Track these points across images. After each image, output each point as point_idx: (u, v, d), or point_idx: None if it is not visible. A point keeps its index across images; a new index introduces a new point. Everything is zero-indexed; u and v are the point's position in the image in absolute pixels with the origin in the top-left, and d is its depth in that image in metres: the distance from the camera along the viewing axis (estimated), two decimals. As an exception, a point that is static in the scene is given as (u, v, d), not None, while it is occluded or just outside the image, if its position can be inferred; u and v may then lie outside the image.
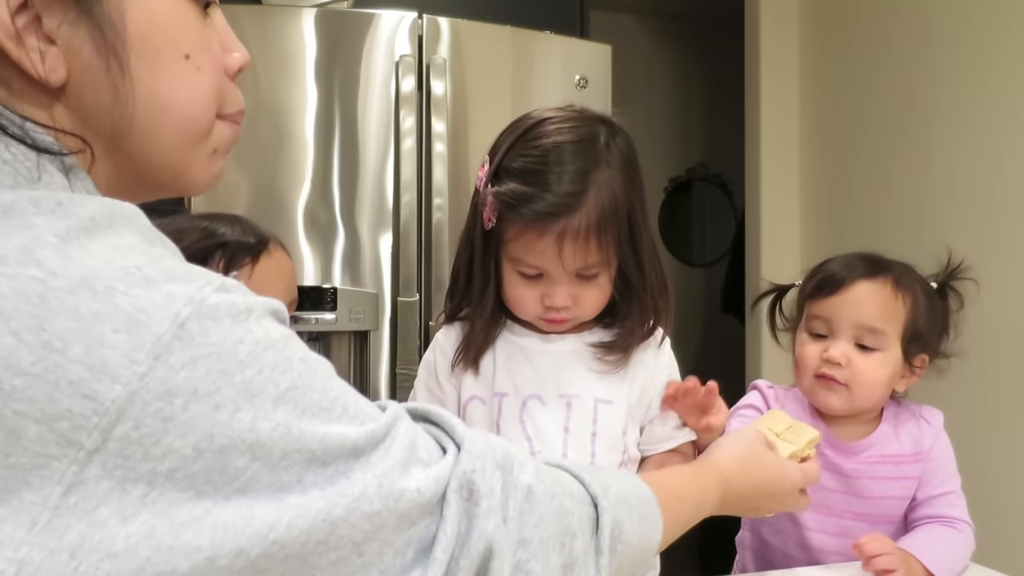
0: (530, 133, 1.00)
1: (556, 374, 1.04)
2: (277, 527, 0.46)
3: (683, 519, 0.76)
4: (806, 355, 1.13)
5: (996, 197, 2.11)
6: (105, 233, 0.46)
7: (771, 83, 2.89)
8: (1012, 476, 2.02)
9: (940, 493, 1.13)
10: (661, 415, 1.06)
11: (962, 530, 1.11)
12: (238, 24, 1.84)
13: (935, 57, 2.30)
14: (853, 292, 1.10)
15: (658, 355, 1.08)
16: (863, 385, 1.10)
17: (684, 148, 4.27)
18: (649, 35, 4.15)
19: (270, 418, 0.46)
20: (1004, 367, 2.05)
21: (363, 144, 1.92)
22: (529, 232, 0.97)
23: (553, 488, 0.59)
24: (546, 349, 1.05)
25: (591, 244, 0.96)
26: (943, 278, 1.16)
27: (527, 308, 1.02)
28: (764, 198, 2.90)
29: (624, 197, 0.98)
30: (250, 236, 0.97)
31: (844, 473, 1.13)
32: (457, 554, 0.53)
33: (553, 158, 0.97)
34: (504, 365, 1.05)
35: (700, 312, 4.17)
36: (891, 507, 1.14)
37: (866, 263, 1.13)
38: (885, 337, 1.10)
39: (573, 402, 1.03)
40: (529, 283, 1.00)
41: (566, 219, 0.94)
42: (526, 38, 2.07)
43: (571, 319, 1.03)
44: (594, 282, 1.00)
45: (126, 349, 0.42)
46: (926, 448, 1.14)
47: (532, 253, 0.97)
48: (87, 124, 0.52)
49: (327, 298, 1.84)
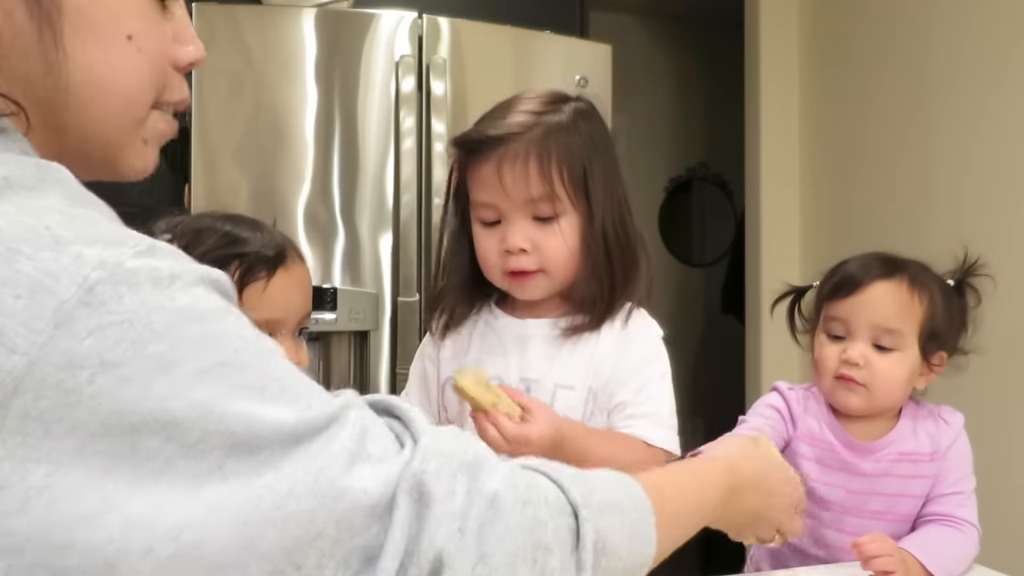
0: (500, 104, 1.06)
1: (522, 357, 1.05)
2: (190, 526, 0.40)
3: (686, 522, 0.69)
4: (825, 356, 1.14)
5: (997, 196, 2.10)
6: (19, 194, 0.43)
7: (771, 83, 2.89)
8: (1013, 476, 2.02)
9: (951, 492, 1.13)
10: None
11: (966, 532, 1.10)
12: (238, 24, 1.84)
13: (935, 56, 2.30)
14: (869, 293, 1.11)
15: (625, 336, 1.06)
16: (882, 385, 1.11)
17: (684, 148, 4.27)
18: (649, 35, 4.15)
19: (187, 395, 0.41)
20: (1006, 367, 2.05)
21: (363, 144, 1.92)
22: (475, 164, 1.00)
23: (527, 495, 0.52)
24: (520, 332, 1.06)
25: (531, 170, 0.98)
26: (960, 275, 1.17)
27: (491, 260, 1.03)
28: (764, 198, 2.90)
29: (579, 146, 1.01)
30: (270, 248, 0.95)
31: (862, 472, 1.13)
32: (406, 564, 0.46)
33: (511, 104, 1.03)
34: (478, 344, 1.07)
35: (700, 312, 4.17)
36: (908, 505, 1.14)
37: (882, 263, 1.14)
38: (902, 337, 1.10)
39: (533, 386, 1.04)
40: (489, 232, 1.02)
41: (507, 144, 0.98)
42: (526, 38, 2.07)
43: (537, 272, 1.02)
44: (552, 227, 1.01)
45: (25, 316, 0.39)
46: (943, 447, 1.14)
47: (479, 185, 1.01)
48: (19, 89, 0.49)
49: (327, 298, 1.84)
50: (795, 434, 1.16)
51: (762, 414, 1.17)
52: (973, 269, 1.17)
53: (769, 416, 1.16)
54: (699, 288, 4.20)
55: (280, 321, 0.95)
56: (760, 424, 1.13)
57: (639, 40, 4.09)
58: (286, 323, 0.96)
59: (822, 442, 1.14)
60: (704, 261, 4.26)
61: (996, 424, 2.07)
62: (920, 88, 2.36)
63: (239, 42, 1.83)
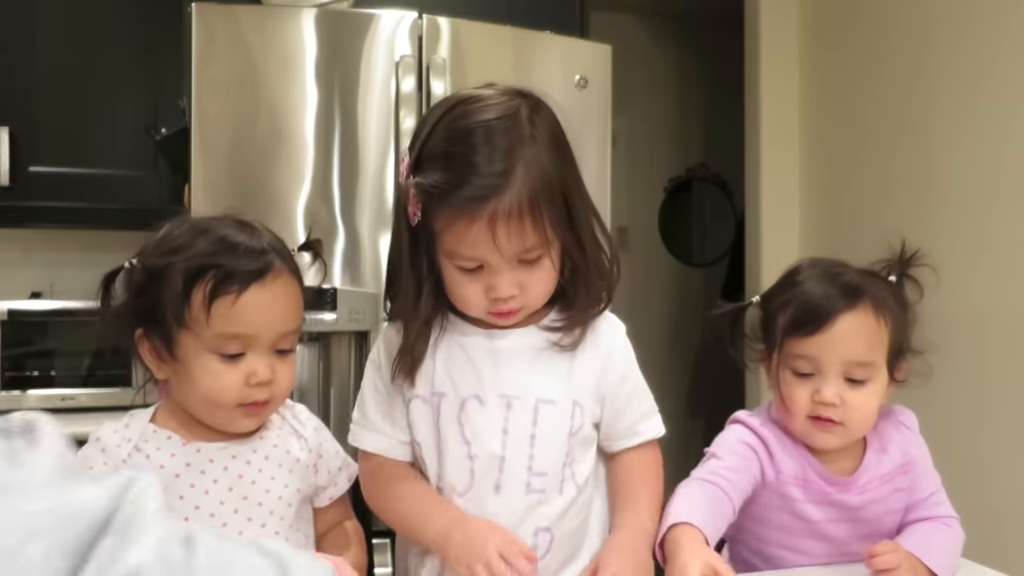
0: (448, 115, 0.95)
1: (497, 373, 1.00)
2: None
3: None
4: (796, 397, 1.07)
5: (997, 195, 2.10)
6: None
7: (771, 83, 2.89)
8: (1012, 475, 2.02)
9: (927, 495, 1.13)
10: None
11: (953, 526, 1.12)
12: (238, 24, 1.84)
13: (935, 59, 2.30)
14: (837, 328, 1.04)
15: (598, 342, 1.04)
16: (858, 420, 1.07)
17: (684, 148, 4.27)
18: (649, 35, 4.15)
19: None
20: (1004, 365, 2.05)
21: (363, 144, 1.92)
22: (459, 221, 0.91)
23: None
24: (489, 347, 1.01)
25: (526, 224, 0.91)
26: (899, 269, 1.11)
27: (473, 304, 0.97)
28: (764, 198, 2.90)
29: (555, 172, 0.94)
30: (252, 262, 0.94)
31: (848, 507, 1.11)
32: None
33: (476, 138, 0.91)
34: (444, 364, 1.01)
35: (700, 312, 4.17)
36: (891, 521, 1.14)
37: (841, 290, 1.06)
38: (874, 367, 1.06)
39: (514, 402, 1.00)
40: (470, 277, 0.95)
41: (495, 201, 0.89)
42: (526, 38, 2.06)
43: (520, 309, 0.98)
44: (538, 266, 0.95)
45: None
46: (913, 455, 1.13)
47: (465, 243, 0.92)
48: None
49: (327, 298, 1.84)
50: (780, 478, 1.11)
51: (737, 452, 1.10)
52: (911, 261, 1.11)
53: (745, 455, 1.10)
54: (699, 288, 4.20)
55: (251, 336, 0.95)
56: (736, 464, 1.08)
57: (639, 40, 4.10)
58: (258, 339, 0.95)
59: (807, 482, 1.11)
60: (704, 261, 4.26)
61: (979, 424, 2.07)
62: (919, 92, 2.36)
63: (239, 42, 1.83)
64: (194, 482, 0.96)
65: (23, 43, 2.25)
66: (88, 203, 2.28)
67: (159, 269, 0.94)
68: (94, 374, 2.16)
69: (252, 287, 0.94)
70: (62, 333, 2.18)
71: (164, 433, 0.99)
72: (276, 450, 1.02)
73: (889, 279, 1.10)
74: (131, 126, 2.29)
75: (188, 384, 0.96)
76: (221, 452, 0.99)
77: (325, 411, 1.88)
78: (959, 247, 2.16)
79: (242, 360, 0.95)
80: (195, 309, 0.93)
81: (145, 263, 0.96)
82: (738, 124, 3.05)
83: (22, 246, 2.53)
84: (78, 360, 2.17)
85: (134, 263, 0.97)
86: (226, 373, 0.95)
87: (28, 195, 2.24)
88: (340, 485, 1.10)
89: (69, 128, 2.28)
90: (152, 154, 2.29)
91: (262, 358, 0.96)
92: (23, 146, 2.23)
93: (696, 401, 4.04)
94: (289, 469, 1.02)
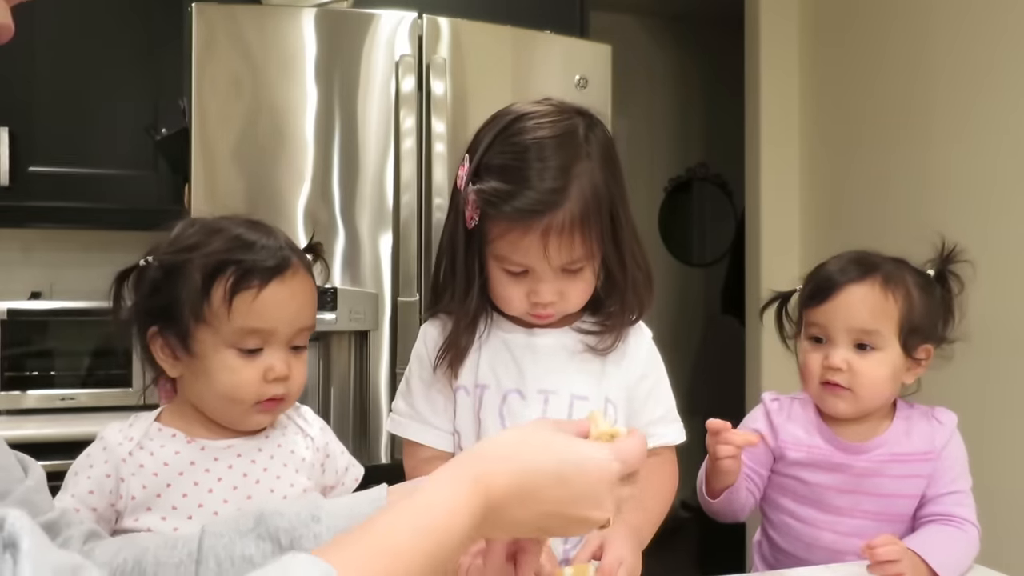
0: (509, 129, 1.01)
1: (536, 369, 1.06)
2: None
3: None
4: (809, 363, 1.17)
5: (996, 191, 2.10)
6: None
7: (771, 83, 2.89)
8: (1012, 475, 2.02)
9: (949, 491, 1.14)
10: None
11: (967, 531, 1.11)
12: (238, 24, 1.84)
13: (933, 58, 2.30)
14: (843, 297, 1.13)
15: (626, 347, 1.09)
16: (866, 386, 1.13)
17: (684, 148, 4.27)
18: (649, 35, 4.15)
19: None
20: (1004, 361, 2.05)
21: (363, 144, 1.92)
22: (513, 230, 0.97)
23: None
24: (530, 343, 1.07)
25: (576, 239, 0.97)
26: (939, 264, 1.18)
27: (514, 305, 1.03)
28: (764, 198, 2.90)
29: (605, 190, 1.00)
30: (271, 258, 0.96)
31: (853, 472, 1.14)
32: None
33: (533, 154, 0.97)
34: (488, 358, 1.07)
35: (700, 312, 4.17)
36: (902, 505, 1.14)
37: (856, 265, 1.15)
38: (881, 336, 1.12)
39: (551, 397, 1.05)
40: (515, 280, 1.02)
41: (550, 215, 0.95)
42: (526, 38, 2.06)
43: (557, 313, 1.04)
44: (579, 276, 1.02)
45: None
46: (938, 446, 1.15)
47: (517, 251, 0.98)
48: None
49: (327, 298, 1.84)
50: (777, 443, 1.18)
51: (747, 426, 1.21)
52: (952, 257, 1.18)
53: (751, 428, 1.20)
54: (699, 288, 4.20)
55: (270, 331, 0.96)
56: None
57: (639, 40, 4.10)
58: (276, 334, 0.97)
59: (809, 446, 1.16)
60: (704, 261, 4.26)
61: (981, 421, 2.07)
62: (919, 86, 2.36)
63: (239, 42, 1.83)
64: (198, 480, 0.96)
65: (23, 43, 2.25)
66: (88, 203, 2.27)
67: (177, 266, 0.95)
68: (94, 374, 2.15)
69: (272, 282, 0.95)
70: (62, 333, 2.18)
71: (169, 431, 0.99)
72: (281, 449, 1.02)
73: (926, 271, 1.16)
74: (131, 126, 2.29)
75: (204, 380, 0.97)
76: (226, 450, 0.99)
77: (325, 411, 1.89)
78: (960, 242, 2.16)
79: (259, 356, 0.97)
80: (215, 304, 0.94)
81: (161, 260, 0.97)
82: (738, 124, 3.05)
83: (22, 246, 2.53)
84: (78, 360, 2.17)
85: (150, 261, 0.98)
86: (244, 369, 0.96)
87: (28, 195, 2.24)
88: (347, 485, 1.10)
89: (69, 128, 2.28)
90: (152, 154, 2.29)
91: (279, 354, 0.97)
92: (23, 146, 2.23)
93: (696, 401, 4.04)
94: (295, 468, 1.02)
